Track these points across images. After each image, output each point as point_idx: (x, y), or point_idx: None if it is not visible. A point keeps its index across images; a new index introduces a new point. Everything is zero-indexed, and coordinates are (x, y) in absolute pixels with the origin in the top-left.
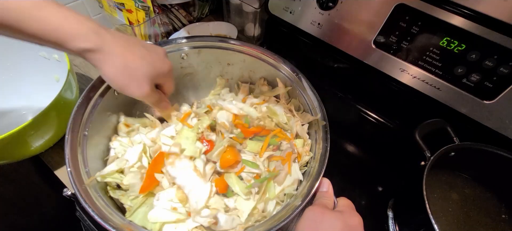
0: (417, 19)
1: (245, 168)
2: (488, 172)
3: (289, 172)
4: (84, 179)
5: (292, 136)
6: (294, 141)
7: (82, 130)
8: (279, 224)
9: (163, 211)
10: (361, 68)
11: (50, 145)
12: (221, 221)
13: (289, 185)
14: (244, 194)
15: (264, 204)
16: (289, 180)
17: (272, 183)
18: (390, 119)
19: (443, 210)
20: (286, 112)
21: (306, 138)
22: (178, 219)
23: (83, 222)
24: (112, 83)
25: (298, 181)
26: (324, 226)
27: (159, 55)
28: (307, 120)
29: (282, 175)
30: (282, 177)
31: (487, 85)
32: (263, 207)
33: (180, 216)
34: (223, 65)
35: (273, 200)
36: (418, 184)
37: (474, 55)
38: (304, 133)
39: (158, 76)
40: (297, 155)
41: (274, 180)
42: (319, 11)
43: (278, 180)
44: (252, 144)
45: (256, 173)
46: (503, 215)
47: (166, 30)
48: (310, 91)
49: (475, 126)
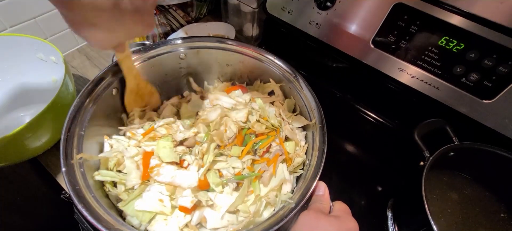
0: (416, 19)
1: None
2: (487, 171)
3: (273, 173)
4: (78, 180)
5: (280, 140)
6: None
7: (79, 129)
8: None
9: (150, 201)
10: (359, 68)
11: (48, 147)
12: (209, 217)
13: (275, 187)
14: (216, 186)
15: (257, 205)
16: (275, 181)
17: (258, 183)
18: (389, 118)
19: (442, 210)
20: (277, 116)
21: (298, 141)
22: (162, 211)
23: (82, 224)
24: None
25: (291, 183)
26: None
27: None
28: (302, 123)
29: (266, 175)
30: (267, 177)
31: (486, 85)
32: (256, 208)
33: (165, 208)
34: (222, 66)
35: (262, 201)
36: (417, 184)
37: (473, 54)
38: (295, 136)
39: None
40: (285, 157)
41: (260, 180)
42: (317, 11)
43: (263, 180)
44: (235, 149)
45: (237, 171)
46: (502, 214)
47: (164, 30)
48: (308, 92)
49: (474, 126)
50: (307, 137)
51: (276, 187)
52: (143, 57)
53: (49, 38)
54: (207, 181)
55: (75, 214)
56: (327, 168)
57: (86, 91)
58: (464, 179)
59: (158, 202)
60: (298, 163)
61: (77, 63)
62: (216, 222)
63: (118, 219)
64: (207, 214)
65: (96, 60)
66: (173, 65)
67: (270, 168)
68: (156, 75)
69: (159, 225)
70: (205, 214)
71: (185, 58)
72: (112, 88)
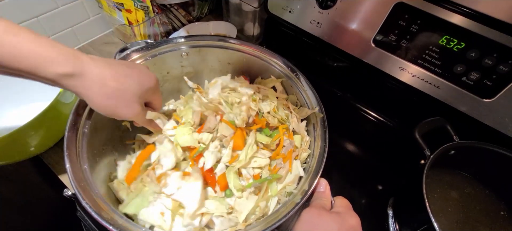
0: (417, 18)
1: (249, 163)
2: (488, 170)
3: (290, 170)
4: (82, 176)
5: (290, 134)
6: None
7: (82, 126)
8: (278, 222)
9: (153, 213)
10: (360, 67)
11: (50, 145)
12: (217, 222)
13: (289, 183)
14: (237, 191)
15: (266, 202)
16: (290, 177)
17: (275, 182)
18: (389, 117)
19: (442, 208)
20: (285, 109)
21: (304, 135)
22: (160, 226)
23: (84, 222)
24: (99, 109)
25: (298, 178)
26: (320, 228)
27: (143, 71)
28: (305, 114)
29: (282, 172)
30: (283, 175)
31: (486, 84)
32: (265, 204)
33: (164, 224)
34: (224, 64)
35: (275, 197)
36: (418, 182)
37: (474, 53)
38: (302, 130)
39: (146, 92)
40: (297, 153)
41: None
42: (318, 10)
43: (280, 179)
44: (260, 136)
45: (257, 172)
46: (502, 212)
47: (165, 30)
48: (309, 90)
49: (475, 124)
50: (309, 133)
51: (290, 183)
52: (145, 56)
53: (51, 37)
54: (226, 181)
55: (78, 212)
56: (328, 166)
57: None
58: (465, 178)
59: (159, 215)
60: (305, 157)
61: None
62: (223, 225)
63: (122, 215)
64: (214, 219)
65: None
66: (175, 63)
67: (286, 165)
68: (157, 73)
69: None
70: (213, 218)
71: (187, 57)
72: None
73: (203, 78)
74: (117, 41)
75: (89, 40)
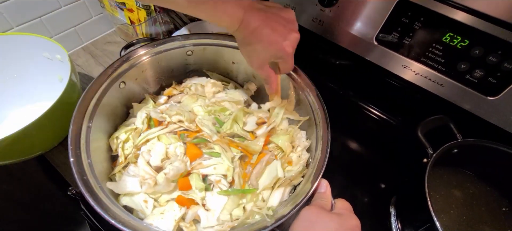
0: (420, 15)
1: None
2: (491, 168)
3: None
4: (86, 170)
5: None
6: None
7: (87, 121)
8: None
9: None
10: (363, 65)
11: (54, 144)
12: (202, 216)
13: (268, 185)
14: (199, 191)
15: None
16: (267, 178)
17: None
18: (392, 115)
19: (445, 207)
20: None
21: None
22: (142, 210)
23: (88, 220)
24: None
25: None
26: (318, 227)
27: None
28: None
29: (254, 173)
30: (254, 175)
31: (491, 81)
32: (266, 196)
33: (146, 210)
34: (228, 63)
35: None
36: (421, 181)
37: (478, 50)
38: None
39: (278, 56)
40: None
41: (249, 182)
42: (320, 8)
43: (252, 181)
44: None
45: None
46: (504, 208)
47: (167, 29)
48: (311, 89)
49: (479, 122)
50: (310, 135)
51: (269, 186)
52: (151, 53)
53: (54, 37)
54: (188, 183)
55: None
56: (330, 164)
57: (94, 83)
58: (468, 176)
59: (143, 203)
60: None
61: (82, 62)
62: (210, 221)
63: (123, 210)
64: (201, 213)
65: (101, 59)
66: (180, 61)
67: (262, 163)
68: (163, 70)
69: (156, 218)
70: (198, 213)
71: (192, 55)
72: (120, 82)
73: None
74: (120, 40)
75: (91, 39)
